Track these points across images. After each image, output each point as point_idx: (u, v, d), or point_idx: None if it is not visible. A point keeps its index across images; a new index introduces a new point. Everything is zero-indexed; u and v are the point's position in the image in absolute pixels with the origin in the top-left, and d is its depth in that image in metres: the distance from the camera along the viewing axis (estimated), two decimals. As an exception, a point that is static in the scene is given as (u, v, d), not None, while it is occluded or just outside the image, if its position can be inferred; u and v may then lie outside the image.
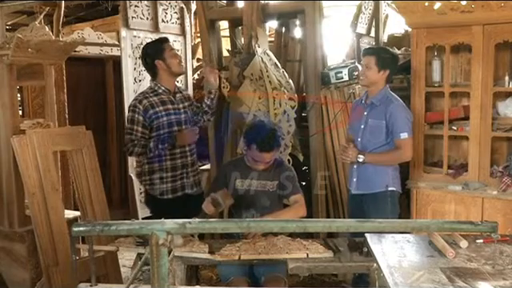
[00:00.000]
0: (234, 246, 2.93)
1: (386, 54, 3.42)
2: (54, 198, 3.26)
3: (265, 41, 4.28)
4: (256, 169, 3.22)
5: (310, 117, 4.26)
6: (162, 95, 3.44)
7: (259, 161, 3.17)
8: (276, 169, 3.28)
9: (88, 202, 3.46)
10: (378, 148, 3.33)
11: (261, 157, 3.15)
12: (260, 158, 3.16)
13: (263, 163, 3.19)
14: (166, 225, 1.85)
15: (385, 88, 3.39)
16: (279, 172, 3.26)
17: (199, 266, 3.67)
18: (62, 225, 3.26)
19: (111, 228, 1.91)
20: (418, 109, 3.59)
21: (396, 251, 2.17)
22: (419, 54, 3.55)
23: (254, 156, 3.17)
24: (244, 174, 3.24)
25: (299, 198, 3.25)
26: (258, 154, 3.14)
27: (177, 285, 2.57)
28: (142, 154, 3.41)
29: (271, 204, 3.24)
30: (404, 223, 2.04)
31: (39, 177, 3.20)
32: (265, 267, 3.00)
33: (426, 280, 1.87)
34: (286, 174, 3.26)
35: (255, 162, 3.19)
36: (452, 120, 3.56)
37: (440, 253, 2.16)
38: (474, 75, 3.40)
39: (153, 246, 1.83)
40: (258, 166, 3.21)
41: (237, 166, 3.30)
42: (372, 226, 1.94)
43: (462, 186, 3.45)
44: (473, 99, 3.42)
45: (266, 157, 3.15)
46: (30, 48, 3.38)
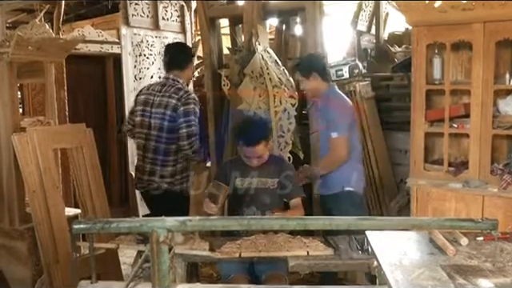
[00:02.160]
0: (234, 243, 2.93)
1: (302, 61, 3.64)
2: (55, 196, 3.26)
3: (265, 38, 4.28)
4: (251, 165, 3.21)
5: (310, 114, 4.25)
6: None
7: (249, 156, 3.16)
8: (276, 166, 3.27)
9: (88, 200, 3.47)
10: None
11: (249, 151, 3.14)
12: (249, 153, 3.15)
13: (255, 158, 3.17)
14: (167, 222, 1.86)
15: (327, 89, 3.51)
16: (279, 170, 3.25)
17: (200, 264, 3.67)
18: (62, 222, 3.27)
19: (112, 225, 1.92)
20: (418, 107, 3.58)
21: (396, 249, 2.17)
22: (420, 52, 3.54)
23: (244, 152, 3.17)
24: (244, 173, 3.23)
25: (298, 203, 3.25)
26: (245, 149, 3.14)
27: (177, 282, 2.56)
28: (196, 151, 3.47)
29: (272, 202, 3.23)
30: (404, 221, 2.05)
31: (39, 174, 3.20)
32: (265, 265, 3.01)
33: (426, 277, 1.87)
34: (286, 174, 3.25)
35: (248, 159, 3.19)
36: (452, 118, 3.55)
37: (440, 250, 2.16)
38: (474, 73, 3.39)
39: (153, 243, 1.84)
40: (251, 162, 3.19)
41: (236, 165, 3.29)
42: (372, 223, 1.95)
43: (462, 184, 3.45)
44: (473, 97, 3.41)
45: (255, 151, 3.13)
46: (31, 46, 3.38)
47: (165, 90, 3.49)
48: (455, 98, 3.70)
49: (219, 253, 2.85)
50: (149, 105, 3.50)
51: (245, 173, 3.23)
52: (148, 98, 3.52)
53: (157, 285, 1.86)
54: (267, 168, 3.25)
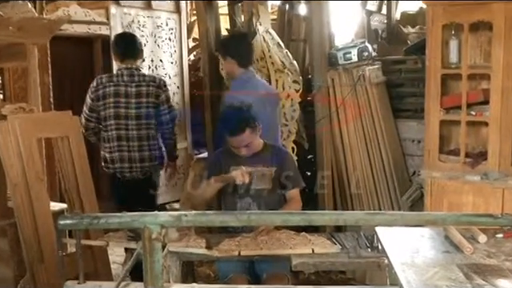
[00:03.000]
0: (233, 240, 2.94)
1: (223, 40, 3.95)
2: (39, 189, 3.26)
3: (267, 18, 4.26)
4: (240, 155, 3.20)
5: (316, 101, 4.25)
6: None
7: (236, 146, 3.17)
8: (272, 155, 3.27)
9: (75, 193, 3.47)
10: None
11: (235, 141, 3.15)
12: (235, 143, 3.16)
13: (242, 148, 3.17)
14: (160, 217, 1.86)
15: (242, 74, 3.72)
16: (276, 159, 3.25)
17: (196, 263, 3.69)
18: (47, 218, 3.26)
19: (100, 221, 1.91)
20: (433, 92, 3.57)
21: (409, 246, 2.17)
22: (435, 33, 3.52)
23: (230, 142, 3.19)
24: (236, 163, 3.21)
25: (294, 195, 3.26)
26: (230, 139, 3.16)
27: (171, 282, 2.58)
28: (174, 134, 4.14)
29: (269, 192, 3.23)
30: (418, 216, 2.04)
31: (22, 166, 3.19)
32: (267, 264, 3.01)
33: (441, 277, 1.87)
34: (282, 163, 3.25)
35: (235, 149, 3.20)
36: (470, 104, 3.54)
37: (457, 248, 2.16)
38: (494, 56, 3.37)
39: (145, 240, 1.84)
40: (240, 152, 3.20)
41: (228, 155, 3.29)
42: (383, 218, 1.94)
43: (480, 176, 3.45)
44: (493, 82, 3.40)
45: (241, 140, 3.13)
46: (11, 26, 3.36)
47: (138, 79, 3.79)
48: (473, 83, 3.68)
49: (217, 251, 2.86)
50: (122, 96, 3.76)
51: (238, 163, 3.21)
52: (119, 90, 3.77)
53: (149, 285, 1.86)
54: (262, 157, 3.24)
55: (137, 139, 3.79)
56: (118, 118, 3.77)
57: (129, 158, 3.81)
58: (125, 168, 3.83)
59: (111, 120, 3.78)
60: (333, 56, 4.22)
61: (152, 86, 3.78)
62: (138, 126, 3.78)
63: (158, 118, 3.81)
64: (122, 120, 3.77)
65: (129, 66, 3.82)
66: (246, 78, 3.74)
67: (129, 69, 3.81)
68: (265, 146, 3.30)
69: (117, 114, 3.77)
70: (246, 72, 3.75)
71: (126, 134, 3.78)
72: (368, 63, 4.33)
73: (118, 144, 3.80)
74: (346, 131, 4.27)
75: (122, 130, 3.78)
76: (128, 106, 3.75)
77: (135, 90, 3.76)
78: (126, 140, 3.79)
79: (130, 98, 3.75)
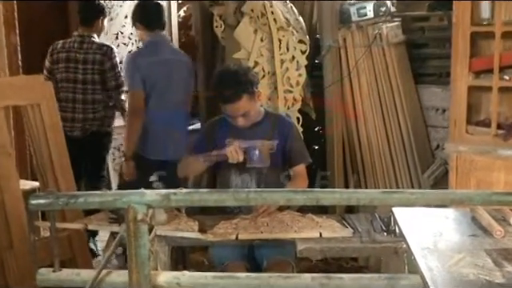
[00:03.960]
0: (229, 223, 2.95)
1: (136, 6, 4.26)
2: (6, 165, 3.26)
3: (268, -33, 4.22)
4: (237, 125, 3.20)
5: (325, 64, 4.23)
6: None
7: (232, 115, 3.17)
8: (274, 125, 3.26)
9: (49, 169, 3.48)
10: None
11: (230, 109, 3.15)
12: (231, 111, 3.16)
13: (239, 117, 3.16)
14: (146, 196, 1.86)
15: (150, 38, 4.10)
16: (278, 130, 3.25)
17: (187, 248, 3.71)
18: (16, 197, 3.28)
19: (78, 200, 1.92)
20: (460, 54, 3.55)
21: (430, 229, 2.18)
22: (464, -16, 3.49)
23: (225, 111, 3.19)
24: (232, 135, 3.20)
25: (300, 171, 3.27)
26: (226, 106, 3.15)
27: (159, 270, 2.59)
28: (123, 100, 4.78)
29: (270, 169, 3.23)
30: (441, 195, 2.04)
31: (-13, 138, 3.20)
32: (268, 249, 3.03)
33: (467, 264, 1.88)
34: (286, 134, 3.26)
35: (231, 119, 3.20)
36: (504, 68, 3.52)
37: (485, 231, 2.17)
38: (532, 11, 3.36)
39: (130, 222, 1.84)
40: (236, 122, 3.19)
41: (222, 126, 3.29)
42: (402, 197, 1.95)
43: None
44: (531, 41, 3.39)
45: (237, 108, 3.12)
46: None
47: (86, 47, 4.52)
48: (508, 42, 3.66)
49: (211, 234, 2.87)
50: (72, 61, 4.50)
51: (234, 135, 3.20)
52: (69, 56, 4.51)
53: (134, 273, 1.87)
54: (262, 128, 3.24)
55: (82, 102, 4.51)
56: (67, 81, 4.51)
57: (71, 118, 4.49)
58: (67, 127, 4.28)
59: (62, 83, 4.51)
60: (345, 11, 4.19)
61: (98, 53, 4.49)
62: (84, 90, 4.51)
63: (103, 85, 4.54)
64: (71, 84, 4.51)
65: (83, 33, 4.53)
66: (153, 41, 4.09)
67: (81, 36, 4.54)
68: (266, 116, 3.30)
69: (67, 78, 4.51)
70: (154, 36, 4.10)
71: (72, 96, 4.51)
72: (386, 20, 4.31)
73: (64, 105, 4.44)
74: (360, 99, 4.26)
75: (70, 92, 4.51)
76: (76, 71, 4.50)
77: (83, 56, 4.49)
78: (72, 102, 4.50)
79: (78, 64, 4.49)
